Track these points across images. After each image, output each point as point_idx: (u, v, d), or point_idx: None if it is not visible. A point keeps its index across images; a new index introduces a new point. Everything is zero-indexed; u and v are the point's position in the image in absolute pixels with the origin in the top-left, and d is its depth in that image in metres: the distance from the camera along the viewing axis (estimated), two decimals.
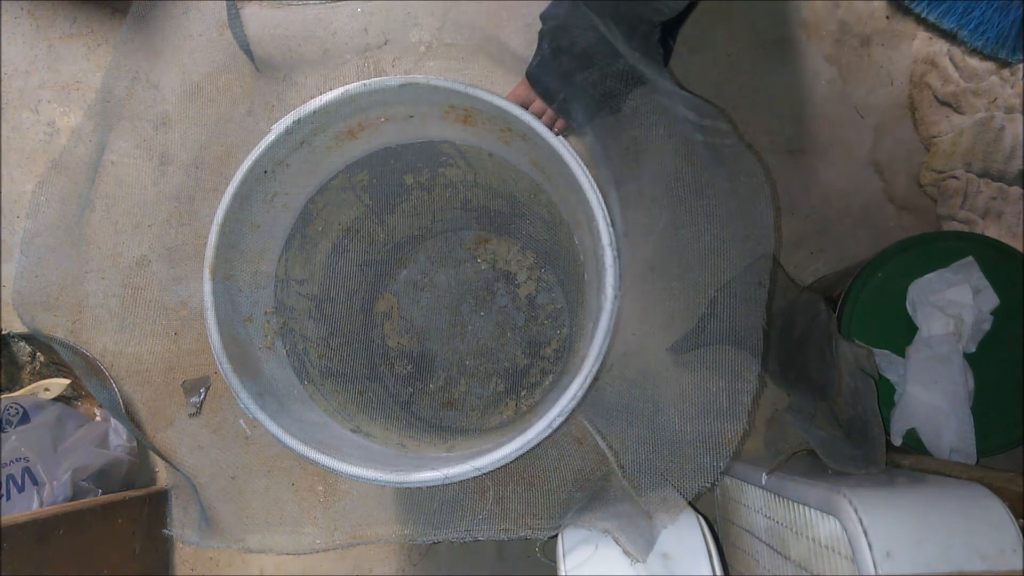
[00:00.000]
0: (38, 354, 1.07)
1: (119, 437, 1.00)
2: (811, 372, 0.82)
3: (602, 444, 0.81)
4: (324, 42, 1.09)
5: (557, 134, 0.71)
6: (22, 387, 1.05)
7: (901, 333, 0.79)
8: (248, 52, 1.03)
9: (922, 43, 1.04)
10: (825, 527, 0.64)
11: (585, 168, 0.70)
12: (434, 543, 0.99)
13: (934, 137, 1.02)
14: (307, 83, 1.07)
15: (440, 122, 0.79)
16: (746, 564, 0.84)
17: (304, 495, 1.01)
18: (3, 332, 1.06)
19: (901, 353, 0.79)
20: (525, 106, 0.78)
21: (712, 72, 1.05)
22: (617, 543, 0.67)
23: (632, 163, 1.02)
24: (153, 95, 1.08)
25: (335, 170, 0.84)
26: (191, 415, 1.04)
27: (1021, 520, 0.58)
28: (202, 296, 0.72)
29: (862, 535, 0.57)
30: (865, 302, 0.80)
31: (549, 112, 0.80)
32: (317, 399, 0.83)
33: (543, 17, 0.77)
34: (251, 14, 1.05)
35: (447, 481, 0.65)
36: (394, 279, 1.07)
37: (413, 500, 0.98)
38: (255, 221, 0.77)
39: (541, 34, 0.78)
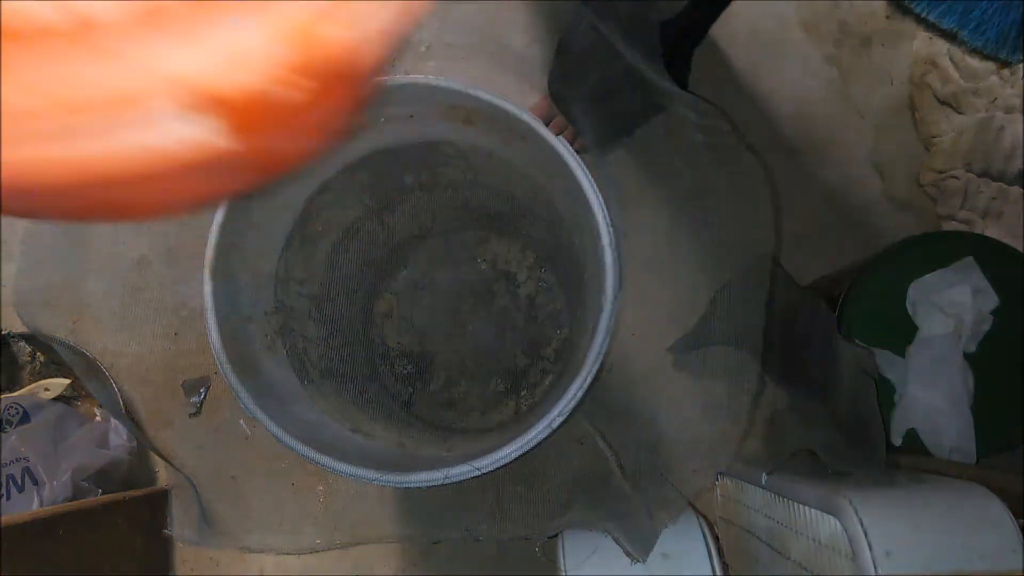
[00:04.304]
0: (38, 354, 1.07)
1: (119, 437, 1.00)
2: (811, 372, 0.82)
3: (602, 444, 0.81)
4: None
5: (578, 151, 0.71)
6: (22, 387, 1.05)
7: (901, 333, 0.79)
8: None
9: (922, 43, 1.04)
10: (825, 527, 0.64)
11: (585, 168, 0.70)
12: (434, 543, 0.99)
13: (934, 137, 1.02)
14: None
15: (440, 122, 0.79)
16: (746, 564, 0.84)
17: (304, 495, 1.01)
18: (3, 332, 1.06)
19: (901, 353, 0.79)
20: (547, 121, 0.77)
21: (712, 72, 1.05)
22: (617, 543, 0.67)
23: (632, 163, 1.02)
24: None
25: (335, 170, 0.84)
26: (191, 415, 1.04)
27: (1021, 520, 0.58)
28: (202, 296, 0.72)
29: (862, 535, 0.57)
30: (865, 302, 0.80)
31: (571, 129, 0.80)
32: (317, 399, 0.83)
33: (562, 39, 0.76)
34: None
35: (447, 481, 0.65)
36: (394, 279, 1.07)
37: (413, 500, 0.98)
38: (255, 221, 0.77)
39: (560, 48, 0.76)
